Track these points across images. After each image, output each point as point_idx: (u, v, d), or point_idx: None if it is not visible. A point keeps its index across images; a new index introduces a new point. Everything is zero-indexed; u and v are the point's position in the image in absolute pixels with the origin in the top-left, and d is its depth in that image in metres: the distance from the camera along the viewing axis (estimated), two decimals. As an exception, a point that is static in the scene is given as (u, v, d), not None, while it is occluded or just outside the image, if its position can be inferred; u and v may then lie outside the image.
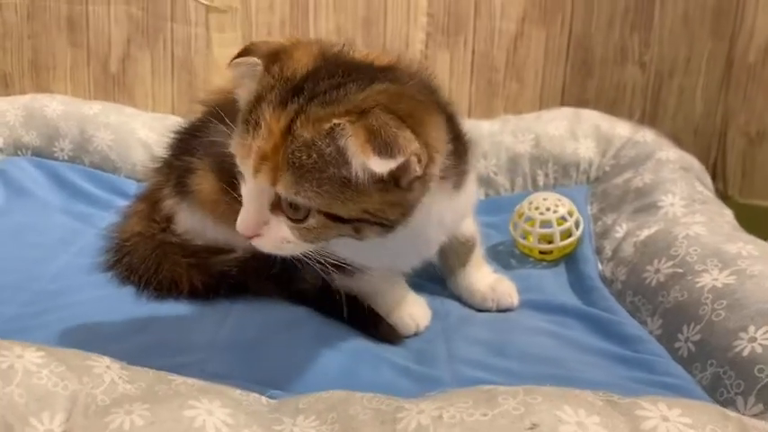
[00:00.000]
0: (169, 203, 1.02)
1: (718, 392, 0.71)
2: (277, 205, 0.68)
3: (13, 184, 1.27)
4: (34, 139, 1.35)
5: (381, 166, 0.61)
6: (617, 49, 1.43)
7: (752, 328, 0.71)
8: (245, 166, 0.68)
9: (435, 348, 0.85)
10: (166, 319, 0.91)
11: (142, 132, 1.37)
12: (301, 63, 0.70)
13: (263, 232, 0.69)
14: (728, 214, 1.05)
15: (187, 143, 1.00)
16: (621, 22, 1.41)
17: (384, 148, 0.60)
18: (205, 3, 1.47)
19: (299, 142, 0.64)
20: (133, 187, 1.30)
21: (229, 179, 0.90)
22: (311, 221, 0.67)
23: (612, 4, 1.41)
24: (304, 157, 0.64)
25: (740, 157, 1.42)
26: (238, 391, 0.66)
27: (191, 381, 0.66)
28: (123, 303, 0.94)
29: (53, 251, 1.08)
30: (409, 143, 0.62)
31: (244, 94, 0.72)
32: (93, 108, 1.39)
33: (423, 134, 0.65)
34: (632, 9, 1.40)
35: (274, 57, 0.71)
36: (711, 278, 0.81)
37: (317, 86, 0.67)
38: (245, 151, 0.67)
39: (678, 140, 1.41)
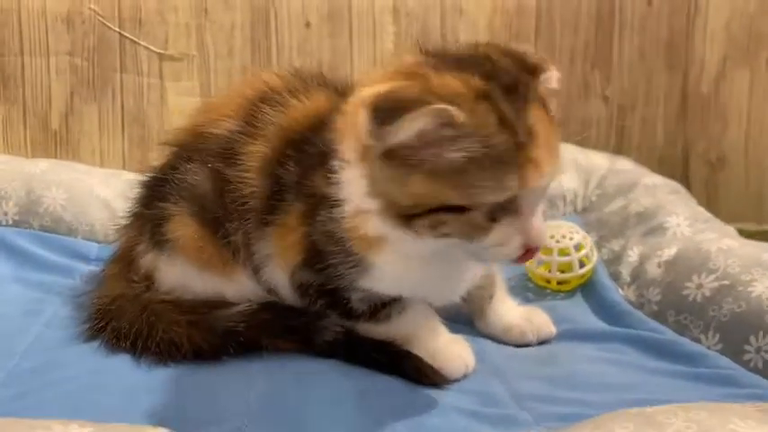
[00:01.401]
0: (148, 259, 0.90)
1: (816, 397, 0.68)
2: None
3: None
4: (-28, 204, 1.19)
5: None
6: (580, 85, 1.46)
7: (831, 329, 0.70)
8: (537, 177, 0.64)
9: (493, 389, 0.78)
10: (181, 386, 0.78)
11: (99, 189, 1.23)
12: (460, 84, 0.63)
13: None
14: (732, 230, 1.07)
15: (158, 189, 0.89)
16: (582, 58, 1.45)
17: None
18: (158, 51, 1.38)
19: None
20: (94, 249, 1.16)
21: (212, 219, 0.82)
22: None
23: (573, 41, 1.45)
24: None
25: (703, 184, 1.47)
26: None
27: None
28: (121, 374, 0.81)
29: (18, 325, 0.93)
30: None
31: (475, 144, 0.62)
32: (39, 166, 1.25)
33: None
34: (592, 45, 1.45)
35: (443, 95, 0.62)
36: (764, 286, 0.80)
37: (506, 77, 0.65)
38: (536, 166, 0.63)
39: (644, 170, 1.45)
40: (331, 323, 0.83)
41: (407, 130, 0.60)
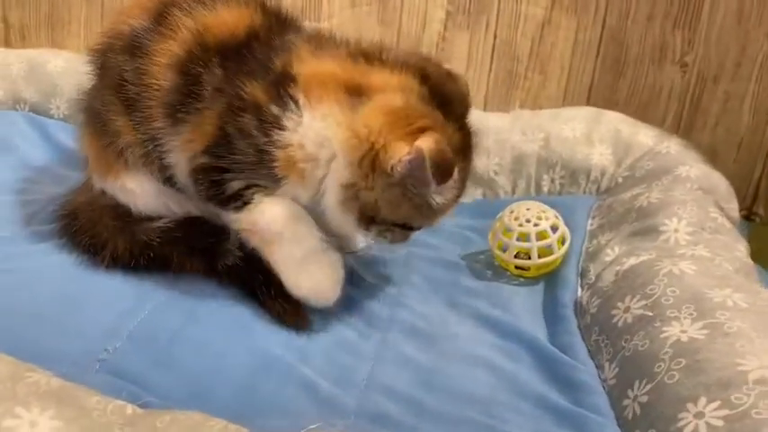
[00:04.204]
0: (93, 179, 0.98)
1: (650, 471, 0.59)
2: None
3: (1, 140, 1.25)
4: (33, 94, 1.34)
5: None
6: (655, 46, 1.27)
7: (702, 401, 0.59)
8: None
9: (359, 366, 0.76)
10: (92, 295, 0.85)
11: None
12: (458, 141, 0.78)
13: None
14: (741, 249, 0.91)
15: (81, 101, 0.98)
16: (663, 16, 1.25)
17: None
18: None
19: None
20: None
21: (102, 126, 0.89)
22: None
23: (655, -6, 1.25)
24: None
25: (788, 180, 1.25)
26: (96, 398, 0.60)
27: (45, 380, 0.60)
28: (58, 274, 0.89)
29: (17, 212, 1.05)
30: None
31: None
32: (95, 67, 1.36)
33: None
34: (677, 3, 1.24)
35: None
36: (679, 329, 0.69)
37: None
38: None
39: (716, 154, 1.26)
40: (233, 246, 0.86)
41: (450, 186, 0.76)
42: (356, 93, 0.75)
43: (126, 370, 0.73)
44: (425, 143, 0.70)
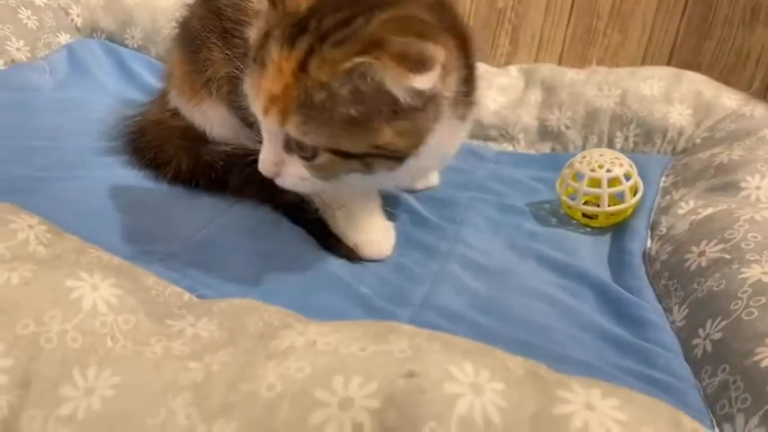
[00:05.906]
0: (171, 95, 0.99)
1: (719, 405, 0.56)
2: (288, 144, 0.67)
3: (78, 64, 1.28)
4: (110, 23, 1.36)
5: (424, 81, 0.59)
6: (746, 7, 1.20)
7: (784, 335, 0.55)
8: (255, 105, 0.65)
9: (414, 289, 0.75)
10: (156, 206, 0.87)
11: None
12: None
13: (282, 171, 0.68)
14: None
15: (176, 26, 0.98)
16: (759, -26, 1.19)
17: (419, 64, 0.58)
18: None
19: (314, 84, 0.61)
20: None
21: (191, 47, 0.88)
22: (320, 159, 0.66)
23: (752, -49, 1.18)
24: (315, 98, 0.61)
25: None
26: (154, 279, 0.60)
27: (108, 257, 0.61)
28: (125, 184, 0.92)
29: (89, 128, 1.07)
30: (437, 51, 0.59)
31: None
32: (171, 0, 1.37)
33: None
34: (776, -40, 1.17)
35: None
36: (761, 270, 0.65)
37: (323, 23, 0.62)
38: (255, 91, 0.65)
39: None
40: None
41: None
42: None
43: (184, 270, 0.73)
44: None
